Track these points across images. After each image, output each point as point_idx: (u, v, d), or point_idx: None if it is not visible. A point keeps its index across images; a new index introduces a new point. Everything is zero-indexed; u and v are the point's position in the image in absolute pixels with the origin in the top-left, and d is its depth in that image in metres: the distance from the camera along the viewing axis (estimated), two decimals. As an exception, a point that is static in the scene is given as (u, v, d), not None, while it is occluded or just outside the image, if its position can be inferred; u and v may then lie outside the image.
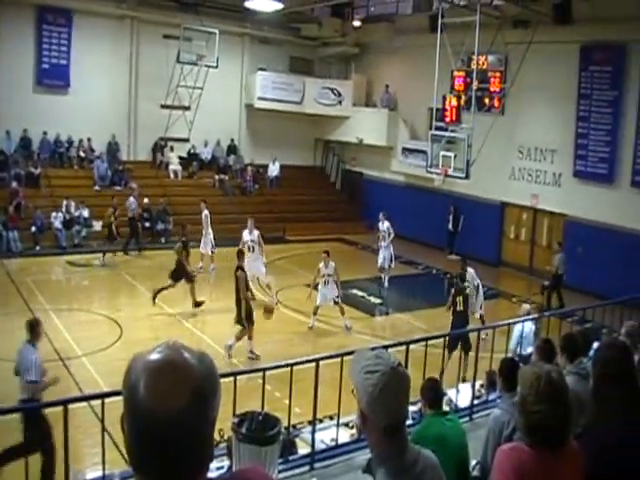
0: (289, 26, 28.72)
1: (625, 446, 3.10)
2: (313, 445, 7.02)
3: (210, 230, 20.41)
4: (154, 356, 1.52)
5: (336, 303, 15.60)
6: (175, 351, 1.53)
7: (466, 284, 14.43)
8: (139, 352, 1.55)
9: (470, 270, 15.07)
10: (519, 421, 2.87)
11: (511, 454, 2.84)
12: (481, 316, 15.32)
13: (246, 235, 17.87)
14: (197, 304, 16.29)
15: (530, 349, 9.92)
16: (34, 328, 8.38)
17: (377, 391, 2.22)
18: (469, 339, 11.44)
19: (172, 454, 1.46)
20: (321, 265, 15.68)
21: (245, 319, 13.30)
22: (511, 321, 9.97)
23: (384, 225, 20.42)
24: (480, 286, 15.34)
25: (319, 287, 15.70)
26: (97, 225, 22.61)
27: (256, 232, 17.99)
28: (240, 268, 13.69)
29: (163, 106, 26.16)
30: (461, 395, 8.47)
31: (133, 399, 1.47)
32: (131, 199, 22.27)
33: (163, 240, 23.36)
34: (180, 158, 27.06)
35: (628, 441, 3.13)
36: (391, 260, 20.32)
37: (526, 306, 12.70)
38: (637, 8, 18.62)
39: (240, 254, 14.28)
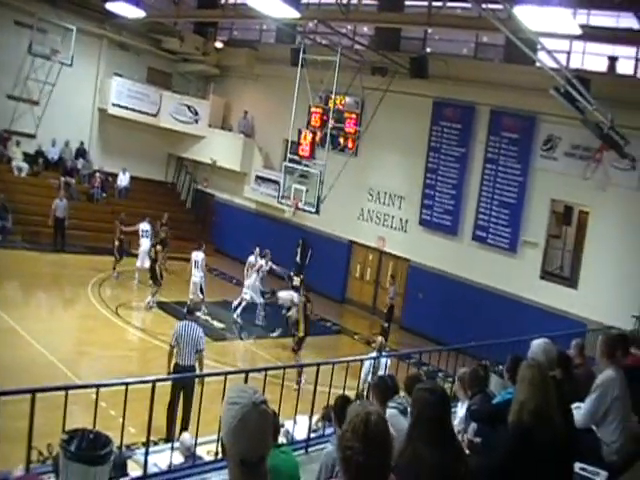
0: (149, 36, 28.08)
1: None
2: (145, 468, 6.85)
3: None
4: None
5: None
6: None
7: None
8: None
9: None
10: (336, 453, 2.99)
11: (336, 489, 2.96)
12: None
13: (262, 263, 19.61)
14: None
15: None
16: (193, 310, 11.57)
17: (235, 423, 2.26)
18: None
19: None
20: None
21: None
22: (350, 358, 10.27)
23: (257, 260, 19.96)
24: None
25: None
26: None
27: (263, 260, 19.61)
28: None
29: (9, 97, 24.95)
30: (298, 427, 8.56)
31: None
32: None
33: (0, 237, 21.91)
34: (25, 155, 25.69)
35: None
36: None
37: (379, 338, 13.44)
38: (486, 74, 19.97)
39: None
